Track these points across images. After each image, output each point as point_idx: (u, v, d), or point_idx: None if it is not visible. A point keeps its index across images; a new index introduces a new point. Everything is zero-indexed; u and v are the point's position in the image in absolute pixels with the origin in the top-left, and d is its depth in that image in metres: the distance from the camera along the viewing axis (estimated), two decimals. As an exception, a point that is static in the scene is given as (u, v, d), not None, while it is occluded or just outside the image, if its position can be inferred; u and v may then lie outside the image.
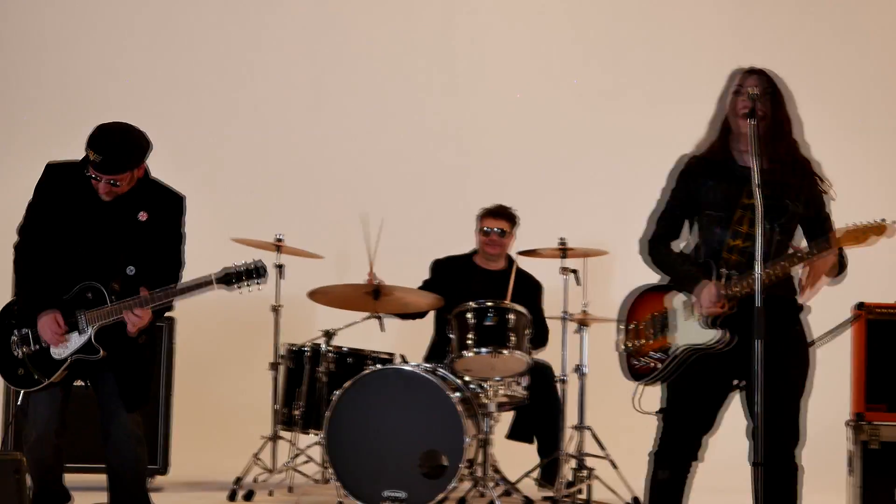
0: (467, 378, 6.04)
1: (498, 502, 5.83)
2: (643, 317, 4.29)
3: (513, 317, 6.04)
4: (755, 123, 3.98)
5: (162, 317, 5.09)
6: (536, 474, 6.53)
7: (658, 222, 4.31)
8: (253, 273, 4.65)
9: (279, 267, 6.87)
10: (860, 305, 5.52)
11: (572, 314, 6.40)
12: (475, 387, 6.02)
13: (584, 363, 6.44)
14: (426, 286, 6.70)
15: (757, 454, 3.81)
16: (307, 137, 8.53)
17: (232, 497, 6.26)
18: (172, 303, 4.76)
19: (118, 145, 4.58)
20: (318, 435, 6.18)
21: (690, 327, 4.10)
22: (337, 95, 8.58)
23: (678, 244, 4.32)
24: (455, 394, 5.72)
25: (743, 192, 4.03)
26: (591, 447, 6.44)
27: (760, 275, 3.81)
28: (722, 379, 4.11)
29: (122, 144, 4.59)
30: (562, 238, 6.44)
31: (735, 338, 3.99)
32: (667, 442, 4.19)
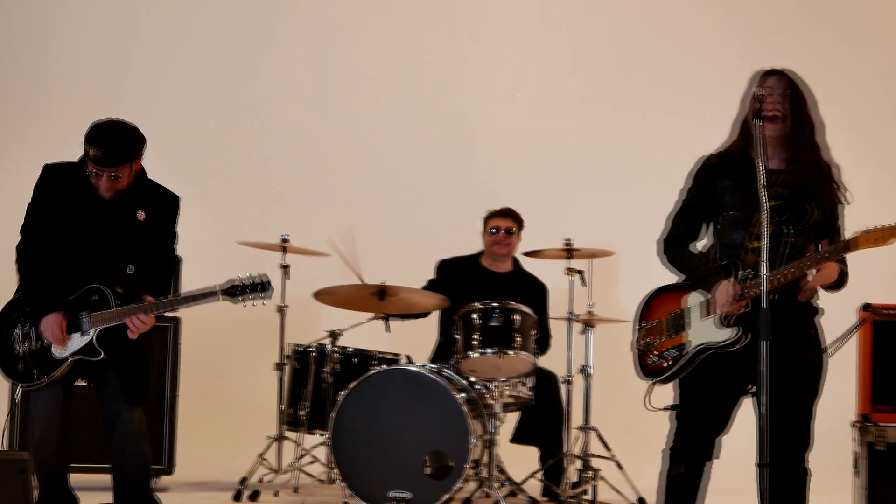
0: (473, 379, 6.04)
1: (503, 503, 5.83)
2: (662, 315, 4.29)
3: (518, 317, 6.04)
4: (761, 125, 3.97)
5: (161, 317, 5.11)
6: (542, 475, 6.52)
7: (674, 222, 4.31)
8: (258, 288, 4.68)
9: (285, 267, 6.89)
10: (866, 307, 5.52)
11: (578, 315, 6.40)
12: (481, 387, 6.02)
13: (590, 364, 6.44)
14: (431, 286, 6.70)
15: (763, 455, 3.80)
16: (312, 138, 8.53)
17: (237, 497, 6.26)
18: (176, 309, 4.83)
19: (117, 138, 4.67)
20: (324, 435, 6.19)
21: (706, 326, 4.10)
22: (341, 95, 8.58)
23: (695, 247, 4.31)
24: (460, 394, 5.72)
25: (768, 192, 4.03)
26: (597, 448, 6.44)
27: (767, 276, 3.81)
28: (736, 382, 4.10)
29: (121, 137, 4.69)
30: (567, 239, 6.45)
31: (749, 335, 3.98)
32: (681, 439, 4.19)
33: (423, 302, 6.48)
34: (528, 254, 6.67)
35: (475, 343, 5.99)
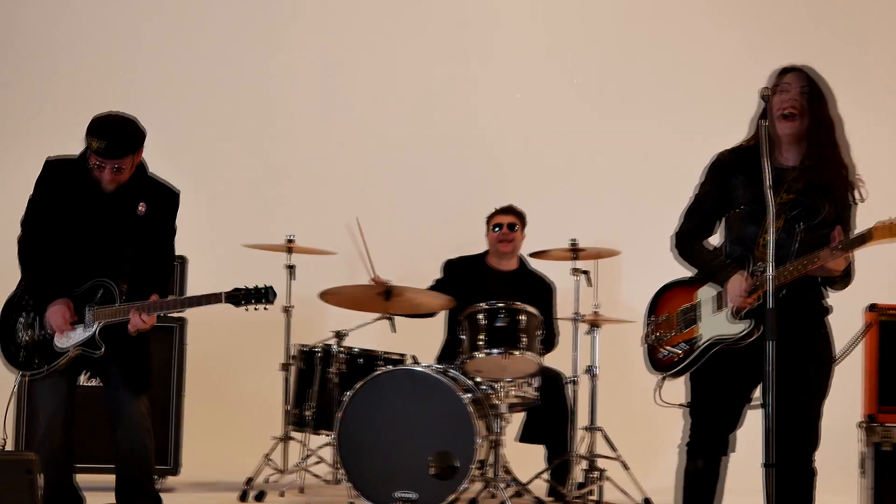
0: (478, 379, 6.04)
1: (509, 503, 5.83)
2: (673, 309, 4.29)
3: (524, 318, 6.04)
4: (766, 124, 3.96)
5: (167, 317, 5.19)
6: (548, 475, 6.52)
7: (687, 217, 4.31)
8: (262, 297, 4.82)
9: (290, 268, 6.89)
10: (872, 307, 5.50)
11: (584, 315, 6.40)
12: (486, 388, 6.02)
13: (596, 364, 6.43)
14: (438, 286, 6.71)
15: (769, 455, 3.80)
16: (317, 138, 8.53)
17: (243, 497, 6.27)
18: (180, 309, 4.95)
19: (119, 130, 4.77)
20: (330, 436, 6.19)
21: (718, 320, 4.10)
22: (347, 96, 8.58)
23: (709, 243, 4.30)
24: (466, 395, 5.72)
25: (779, 189, 4.02)
26: (603, 448, 6.43)
27: (778, 272, 3.81)
28: (748, 376, 4.08)
29: (123, 129, 4.79)
30: (573, 239, 6.44)
31: (761, 328, 3.96)
32: (697, 434, 4.18)
33: (429, 302, 6.48)
34: (534, 254, 6.67)
35: (481, 343, 5.99)
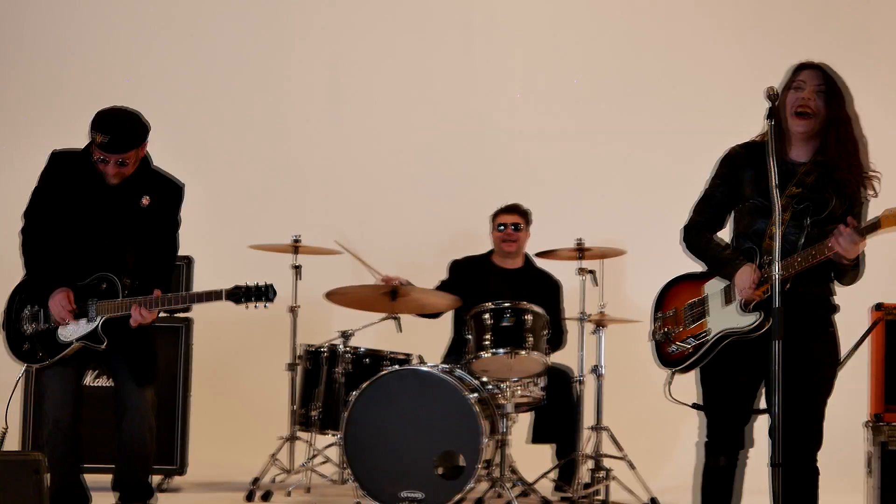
0: (484, 379, 6.04)
1: (515, 503, 5.82)
2: (680, 304, 4.29)
3: (530, 317, 6.04)
4: (773, 123, 3.95)
5: (173, 317, 5.21)
6: (554, 475, 6.52)
7: (696, 210, 4.30)
8: (262, 295, 4.86)
9: (296, 268, 6.89)
10: (878, 306, 5.50)
11: (590, 315, 6.39)
12: (492, 387, 6.02)
13: (602, 364, 6.43)
14: (444, 286, 6.71)
15: (776, 455, 3.79)
16: (322, 139, 8.53)
17: (249, 497, 6.27)
18: (181, 305, 5.03)
19: (123, 125, 4.82)
20: (336, 435, 6.19)
21: (727, 313, 4.10)
22: (352, 97, 8.58)
23: (716, 236, 4.29)
24: (472, 394, 5.72)
25: (788, 183, 4.02)
26: (609, 448, 6.43)
27: (784, 263, 3.81)
28: (755, 372, 4.07)
29: (126, 124, 4.84)
30: (579, 239, 6.44)
31: (770, 321, 3.95)
32: (714, 430, 4.16)
33: (435, 302, 6.49)
34: (540, 254, 6.67)
35: (487, 343, 5.99)
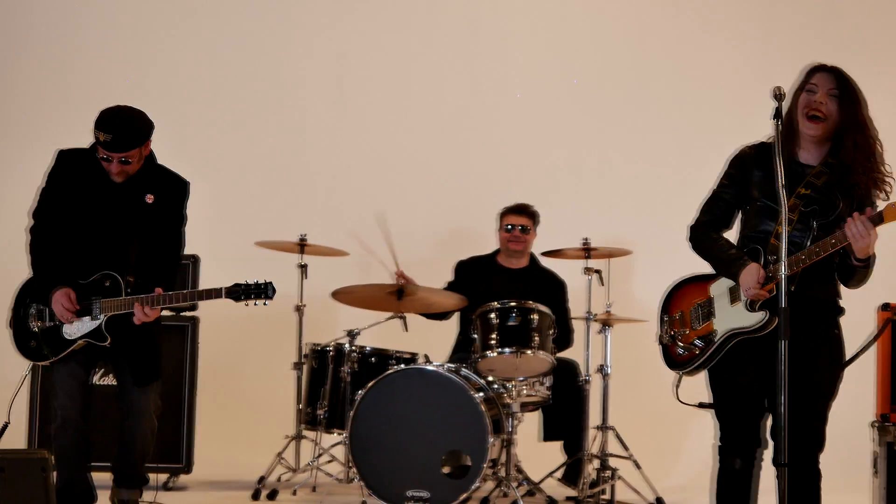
0: (490, 378, 6.04)
1: (521, 502, 5.83)
2: (686, 306, 4.28)
3: (536, 317, 6.04)
4: (779, 123, 3.94)
5: (179, 316, 5.25)
6: (560, 474, 6.52)
7: (703, 210, 4.29)
8: (261, 293, 4.90)
9: (303, 267, 6.90)
10: (885, 306, 5.48)
11: (596, 314, 6.39)
12: (498, 387, 6.02)
13: (608, 363, 6.43)
14: (450, 287, 6.71)
15: (782, 455, 3.78)
16: (330, 137, 8.54)
17: (256, 496, 6.27)
18: (182, 302, 5.04)
19: (126, 123, 4.85)
20: (342, 434, 6.19)
21: (734, 312, 4.08)
22: (359, 95, 8.58)
23: (721, 236, 4.28)
24: (478, 394, 5.72)
25: (797, 185, 4.01)
26: (615, 447, 6.43)
27: (791, 260, 3.80)
28: (763, 370, 4.03)
29: (129, 122, 4.87)
30: (585, 238, 6.44)
31: (776, 319, 3.94)
32: (728, 432, 4.12)
33: (442, 301, 6.49)
34: (547, 253, 6.67)
35: (493, 343, 5.99)
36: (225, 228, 7.91)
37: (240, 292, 4.88)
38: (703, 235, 4.25)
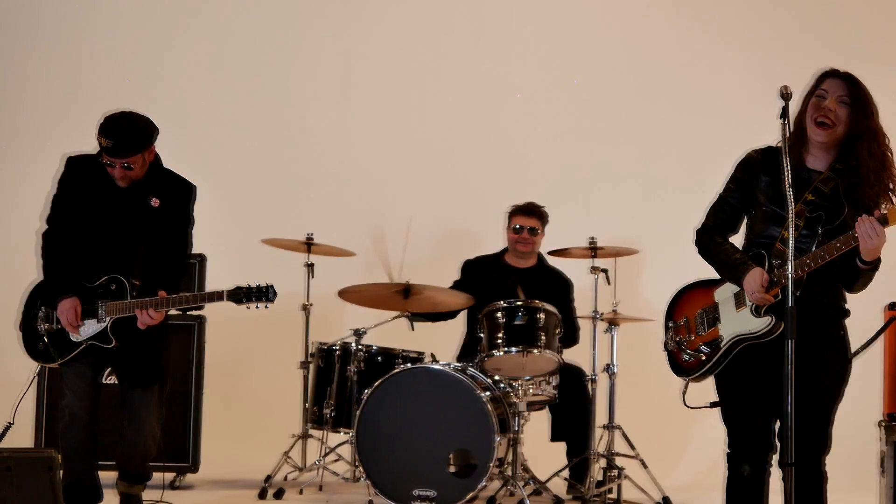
0: (497, 377, 6.04)
1: (528, 502, 5.82)
2: (691, 312, 4.26)
3: (543, 316, 6.04)
4: (786, 122, 3.92)
5: (186, 315, 5.59)
6: (566, 474, 6.52)
7: (709, 213, 4.27)
8: (262, 296, 4.95)
9: (309, 266, 6.90)
10: (893, 305, 5.47)
11: (602, 314, 6.39)
12: (505, 386, 6.02)
13: (614, 363, 6.42)
14: (457, 287, 6.71)
15: (788, 455, 3.76)
16: (336, 136, 8.54)
17: (262, 495, 6.28)
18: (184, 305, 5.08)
19: (127, 129, 4.91)
20: (349, 433, 6.20)
21: (740, 317, 4.07)
22: (366, 94, 8.58)
23: (727, 239, 4.27)
24: (485, 393, 5.72)
25: (804, 191, 3.98)
26: (621, 447, 6.43)
27: (797, 264, 3.79)
28: (770, 374, 3.99)
29: (131, 128, 4.93)
30: (592, 237, 6.43)
31: (782, 324, 3.93)
32: (736, 438, 4.10)
33: (448, 300, 6.49)
34: (553, 252, 6.67)
35: (499, 342, 5.99)
36: (231, 227, 7.91)
37: (241, 295, 4.93)
38: (708, 240, 4.24)
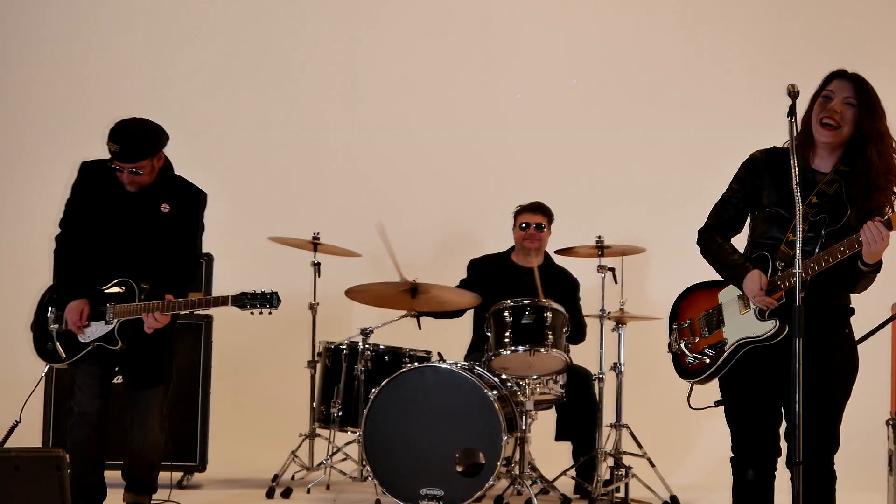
0: (504, 376, 6.04)
1: (535, 500, 5.82)
2: (695, 314, 4.25)
3: (550, 315, 6.04)
4: (793, 120, 3.91)
5: (193, 315, 5.68)
6: (574, 473, 6.51)
7: (714, 213, 4.25)
8: (266, 302, 5.05)
9: (316, 265, 6.91)
10: (900, 304, 5.48)
11: (610, 312, 6.38)
12: (512, 385, 6.02)
13: (622, 361, 6.42)
14: (463, 285, 6.70)
15: (797, 454, 3.75)
16: (343, 136, 8.54)
17: (269, 494, 6.28)
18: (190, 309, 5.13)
19: (134, 135, 4.96)
20: (356, 432, 6.20)
21: (745, 320, 4.05)
22: (372, 93, 8.58)
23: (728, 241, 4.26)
24: (492, 392, 5.72)
25: (808, 193, 3.96)
26: (629, 445, 6.42)
27: (800, 273, 3.77)
28: (775, 378, 3.99)
29: (139, 134, 4.98)
30: (599, 236, 6.43)
31: (787, 328, 3.93)
32: (740, 443, 4.08)
33: (455, 299, 6.48)
34: (560, 251, 6.66)
35: (507, 341, 5.99)
36: (239, 226, 7.92)
37: (245, 301, 5.02)
38: (710, 240, 4.22)
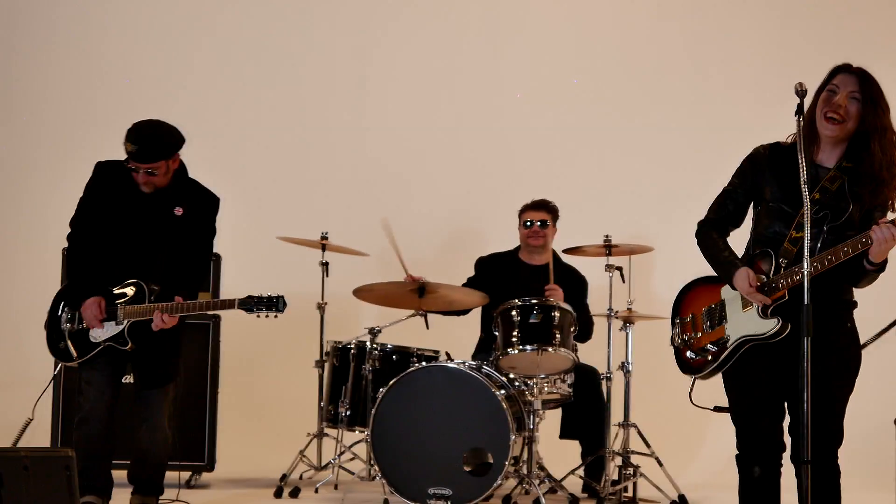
0: (512, 375, 6.04)
1: (543, 500, 5.82)
2: (697, 309, 4.24)
3: (558, 314, 6.03)
4: (801, 119, 3.90)
5: (201, 315, 5.74)
6: (582, 472, 6.51)
7: (713, 207, 4.25)
8: (272, 306, 5.10)
9: (324, 265, 6.91)
10: (909, 302, 5.46)
11: (617, 311, 6.38)
12: (520, 384, 6.02)
13: (629, 360, 6.41)
14: (470, 284, 6.71)
15: (805, 451, 3.74)
16: (350, 136, 8.54)
17: (278, 494, 6.29)
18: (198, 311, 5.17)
19: (151, 136, 5.02)
20: (364, 432, 6.20)
21: (747, 318, 4.04)
22: (380, 93, 8.58)
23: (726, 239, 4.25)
24: (500, 391, 5.72)
25: (812, 189, 3.94)
26: (637, 445, 6.42)
27: (808, 271, 3.76)
28: (780, 374, 4.00)
29: (156, 135, 5.04)
30: (607, 235, 6.42)
31: (789, 325, 3.93)
32: (745, 440, 4.08)
33: (463, 299, 6.49)
34: (568, 250, 6.65)
35: (514, 340, 5.99)
36: (247, 225, 7.92)
37: (252, 304, 5.07)
38: (705, 235, 4.21)
